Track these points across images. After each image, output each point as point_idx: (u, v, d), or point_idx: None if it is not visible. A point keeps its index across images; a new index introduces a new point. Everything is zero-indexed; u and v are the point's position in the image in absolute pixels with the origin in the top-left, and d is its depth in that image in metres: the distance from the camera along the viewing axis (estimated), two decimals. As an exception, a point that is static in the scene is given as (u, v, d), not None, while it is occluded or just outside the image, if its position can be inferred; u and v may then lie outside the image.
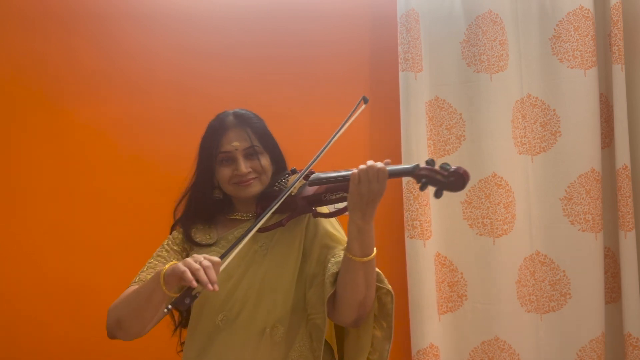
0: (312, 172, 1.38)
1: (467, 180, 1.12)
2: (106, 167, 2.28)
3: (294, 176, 1.41)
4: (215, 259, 1.14)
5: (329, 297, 1.30)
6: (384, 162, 1.22)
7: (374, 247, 1.27)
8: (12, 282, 2.24)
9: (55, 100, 2.28)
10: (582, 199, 2.17)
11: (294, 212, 1.37)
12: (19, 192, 2.26)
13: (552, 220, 2.21)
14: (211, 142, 1.40)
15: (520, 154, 2.24)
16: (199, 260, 1.13)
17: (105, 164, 2.28)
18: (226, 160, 1.39)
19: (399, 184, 2.21)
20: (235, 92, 2.30)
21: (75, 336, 2.23)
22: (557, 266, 2.21)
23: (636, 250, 2.13)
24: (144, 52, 2.32)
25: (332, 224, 1.43)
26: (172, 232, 1.47)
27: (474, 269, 2.22)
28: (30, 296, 2.23)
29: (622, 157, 2.13)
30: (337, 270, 1.30)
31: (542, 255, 2.23)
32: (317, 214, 1.38)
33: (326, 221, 1.42)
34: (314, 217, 1.40)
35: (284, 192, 1.31)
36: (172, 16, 2.33)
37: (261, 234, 1.38)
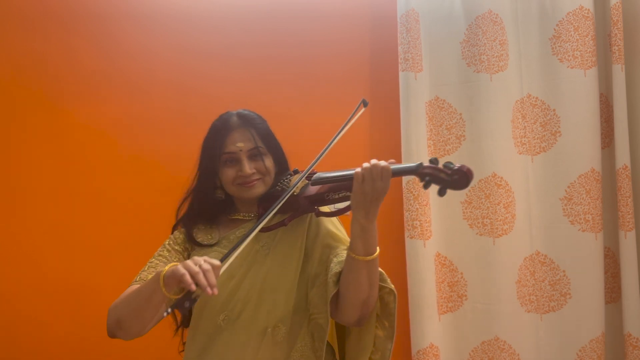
0: (314, 172, 1.38)
1: (471, 178, 1.12)
2: (106, 167, 2.27)
3: (297, 176, 1.40)
4: (215, 263, 1.12)
5: (332, 296, 1.29)
6: (388, 162, 1.22)
7: (377, 246, 1.27)
8: (12, 282, 2.23)
9: (55, 100, 2.28)
10: (582, 199, 2.17)
11: (296, 212, 1.37)
12: (19, 192, 2.26)
13: (552, 220, 2.21)
14: (215, 143, 1.39)
15: (520, 154, 2.24)
16: (198, 263, 1.11)
17: (105, 164, 2.28)
18: (230, 161, 1.39)
19: (399, 184, 2.21)
20: (235, 92, 2.30)
21: (75, 336, 2.23)
22: (557, 266, 2.21)
23: (636, 250, 2.13)
24: (144, 52, 2.32)
25: (334, 224, 1.43)
26: (173, 231, 1.47)
27: (474, 269, 2.22)
28: (30, 296, 2.23)
29: (622, 157, 2.13)
30: (340, 269, 1.30)
31: (542, 255, 2.23)
32: (319, 213, 1.37)
33: (328, 221, 1.42)
34: (316, 217, 1.40)
35: (287, 192, 1.31)
36: (172, 16, 2.33)
37: (263, 233, 1.37)
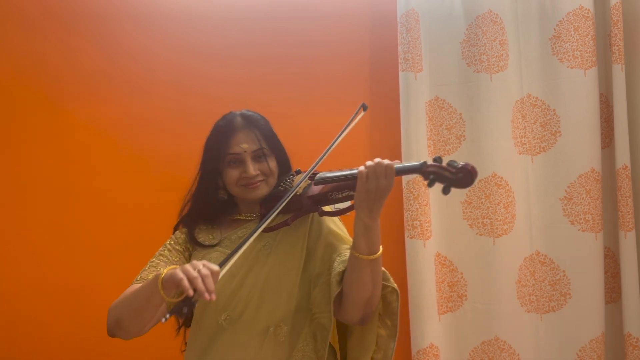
0: (316, 172, 1.37)
1: (475, 176, 1.12)
2: (106, 167, 2.27)
3: (299, 176, 1.40)
4: (214, 268, 1.11)
5: (335, 296, 1.29)
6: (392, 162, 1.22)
7: (380, 245, 1.26)
8: (12, 282, 2.23)
9: (55, 100, 2.28)
10: (582, 199, 2.17)
11: (299, 212, 1.37)
12: (19, 192, 2.26)
13: (552, 220, 2.21)
14: (219, 143, 1.39)
15: (520, 154, 2.24)
16: (197, 267, 1.10)
17: (105, 164, 2.27)
18: (234, 161, 1.38)
19: (399, 184, 2.21)
20: (235, 92, 2.30)
21: (75, 336, 2.23)
22: (557, 266, 2.21)
23: (636, 250, 2.13)
24: (144, 52, 2.31)
25: (336, 223, 1.43)
26: (174, 231, 1.47)
27: (474, 269, 2.22)
28: (30, 296, 2.23)
29: (622, 157, 2.13)
30: (343, 269, 1.30)
31: (542, 255, 2.23)
32: (323, 212, 1.37)
33: (330, 220, 1.42)
34: (320, 216, 1.39)
35: (289, 192, 1.31)
36: (172, 16, 2.33)
37: (265, 233, 1.37)
